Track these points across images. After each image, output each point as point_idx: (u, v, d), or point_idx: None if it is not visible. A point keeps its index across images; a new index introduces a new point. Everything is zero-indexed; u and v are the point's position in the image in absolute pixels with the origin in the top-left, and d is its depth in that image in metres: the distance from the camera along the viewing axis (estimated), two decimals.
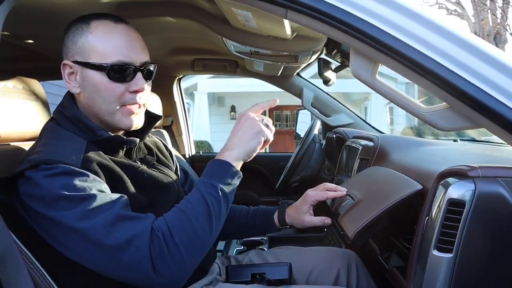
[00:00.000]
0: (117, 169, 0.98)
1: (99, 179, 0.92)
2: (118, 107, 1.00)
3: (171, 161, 1.25)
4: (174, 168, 1.26)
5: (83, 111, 1.03)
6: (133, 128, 1.04)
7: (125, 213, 0.89)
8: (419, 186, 0.97)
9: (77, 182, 0.88)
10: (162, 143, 1.29)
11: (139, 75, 1.00)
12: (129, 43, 1.00)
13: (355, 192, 1.19)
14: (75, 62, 1.00)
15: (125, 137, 1.05)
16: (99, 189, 0.90)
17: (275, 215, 1.33)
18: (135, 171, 1.03)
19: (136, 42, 1.02)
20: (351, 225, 1.04)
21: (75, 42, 1.00)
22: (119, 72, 0.98)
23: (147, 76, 1.04)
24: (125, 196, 0.93)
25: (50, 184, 0.87)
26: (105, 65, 0.97)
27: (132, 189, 0.99)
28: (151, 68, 1.05)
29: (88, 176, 0.90)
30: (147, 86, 1.05)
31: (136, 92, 1.01)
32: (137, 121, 1.04)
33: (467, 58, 0.79)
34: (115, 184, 0.96)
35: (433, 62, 0.79)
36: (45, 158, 0.90)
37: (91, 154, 0.96)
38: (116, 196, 0.91)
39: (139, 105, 1.03)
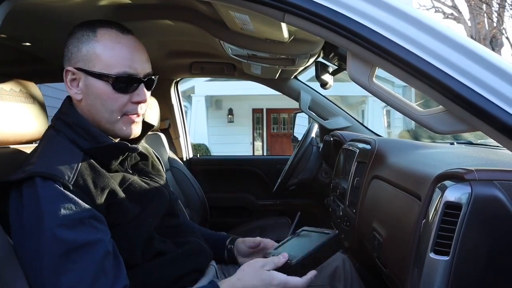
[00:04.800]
0: (112, 184, 0.98)
1: (85, 206, 0.90)
2: (119, 117, 1.02)
3: (161, 167, 1.26)
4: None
5: (83, 117, 1.03)
6: (132, 137, 1.06)
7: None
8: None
9: (63, 211, 0.86)
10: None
11: (142, 86, 1.02)
12: (135, 55, 1.01)
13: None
14: (79, 69, 0.99)
15: (129, 144, 1.06)
16: (83, 222, 0.88)
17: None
18: (126, 183, 1.04)
19: (141, 53, 1.03)
20: None
21: (80, 49, 0.99)
22: (124, 83, 0.99)
23: (149, 87, 1.06)
24: (105, 244, 0.90)
25: (34, 213, 0.86)
26: (110, 75, 0.98)
27: (125, 202, 1.00)
28: (154, 79, 1.07)
29: (75, 203, 0.88)
30: (148, 96, 1.07)
31: (138, 102, 1.03)
32: (136, 130, 1.07)
33: (463, 61, 0.79)
34: (109, 200, 0.96)
35: (429, 65, 0.80)
36: (39, 171, 0.89)
37: (86, 170, 0.95)
38: (93, 250, 0.87)
39: (139, 115, 1.05)
